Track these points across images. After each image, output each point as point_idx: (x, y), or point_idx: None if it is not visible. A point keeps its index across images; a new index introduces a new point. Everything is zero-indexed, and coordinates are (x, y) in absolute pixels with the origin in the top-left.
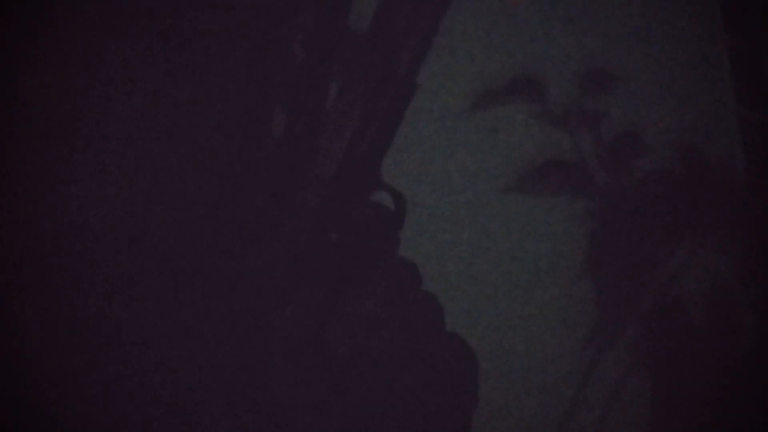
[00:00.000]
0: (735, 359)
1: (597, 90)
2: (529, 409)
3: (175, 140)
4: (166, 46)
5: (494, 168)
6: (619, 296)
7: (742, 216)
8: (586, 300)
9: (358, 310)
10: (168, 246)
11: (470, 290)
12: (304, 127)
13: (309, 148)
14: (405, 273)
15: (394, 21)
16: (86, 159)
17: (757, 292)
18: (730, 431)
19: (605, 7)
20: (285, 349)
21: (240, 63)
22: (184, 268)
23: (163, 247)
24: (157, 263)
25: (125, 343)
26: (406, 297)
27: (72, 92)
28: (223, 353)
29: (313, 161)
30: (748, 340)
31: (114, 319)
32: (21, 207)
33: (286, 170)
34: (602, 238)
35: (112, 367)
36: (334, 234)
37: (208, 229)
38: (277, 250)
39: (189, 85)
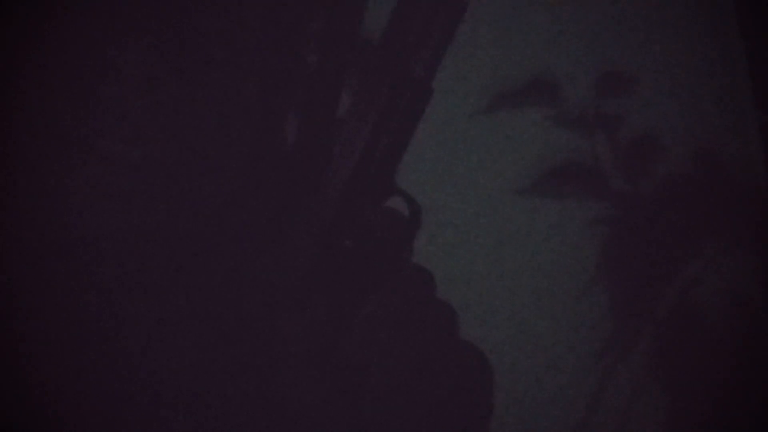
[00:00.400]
0: (754, 368)
1: (613, 93)
2: (544, 418)
3: (186, 144)
4: (177, 49)
5: (509, 172)
6: (635, 304)
7: (762, 222)
8: (601, 307)
9: (371, 317)
10: (178, 251)
11: (484, 297)
12: (318, 133)
13: (323, 154)
14: (419, 279)
15: (409, 25)
16: (91, 159)
17: None
18: None
19: (621, 9)
20: (297, 355)
21: (252, 68)
22: (194, 273)
23: (173, 251)
24: (166, 267)
25: (129, 346)
26: (420, 304)
27: (78, 92)
28: (233, 358)
29: (327, 167)
30: (767, 348)
31: (119, 323)
32: (23, 207)
33: (299, 176)
34: (618, 243)
35: (116, 369)
36: (348, 240)
37: (219, 234)
38: (291, 256)
39: (200, 89)
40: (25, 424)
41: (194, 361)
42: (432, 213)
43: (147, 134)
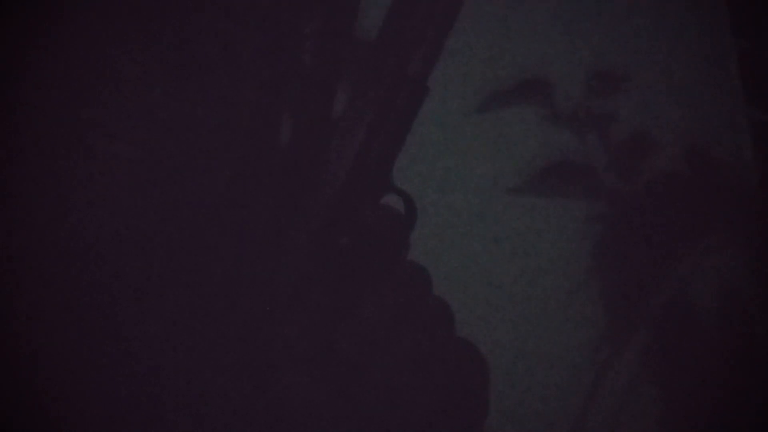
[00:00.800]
0: (747, 364)
1: (605, 91)
2: (540, 415)
3: (183, 144)
4: (175, 49)
5: (503, 170)
6: (629, 301)
7: (754, 218)
8: (596, 305)
9: (368, 315)
10: (175, 250)
11: (479, 294)
12: (314, 132)
13: (319, 153)
14: (415, 277)
15: (405, 24)
16: (90, 159)
17: None
18: None
19: (612, 8)
20: (294, 353)
21: (250, 68)
22: (191, 272)
23: (170, 251)
24: (163, 266)
25: (130, 346)
26: (416, 301)
27: (77, 91)
28: (230, 357)
29: (323, 165)
30: (760, 344)
31: (117, 323)
32: (23, 207)
33: (295, 174)
34: (612, 241)
35: (116, 370)
36: (344, 238)
37: (216, 233)
38: (287, 255)
39: (197, 89)
40: (25, 424)
41: (193, 361)
42: (426, 211)
43: (146, 134)
